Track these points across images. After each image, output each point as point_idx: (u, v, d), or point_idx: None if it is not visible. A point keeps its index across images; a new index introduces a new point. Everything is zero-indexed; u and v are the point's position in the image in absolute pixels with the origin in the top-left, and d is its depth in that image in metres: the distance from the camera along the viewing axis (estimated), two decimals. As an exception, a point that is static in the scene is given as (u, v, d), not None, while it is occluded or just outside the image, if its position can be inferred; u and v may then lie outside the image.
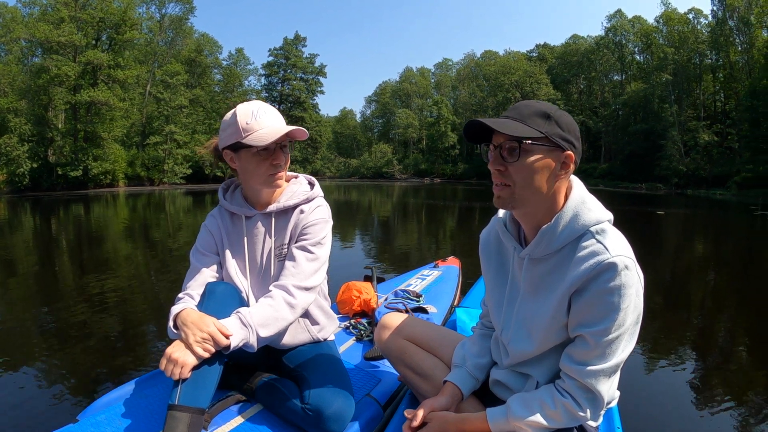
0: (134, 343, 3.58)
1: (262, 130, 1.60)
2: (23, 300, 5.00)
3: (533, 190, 1.21)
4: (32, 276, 6.22)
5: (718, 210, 18.79)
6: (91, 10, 33.70)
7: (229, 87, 52.69)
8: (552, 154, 1.19)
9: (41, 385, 2.80)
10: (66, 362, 3.18)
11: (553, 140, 1.18)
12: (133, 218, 15.06)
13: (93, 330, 3.84)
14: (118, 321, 4.11)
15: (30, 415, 2.45)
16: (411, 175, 62.76)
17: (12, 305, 4.80)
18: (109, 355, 3.31)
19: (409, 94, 71.94)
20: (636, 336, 1.21)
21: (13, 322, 4.19)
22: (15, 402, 2.59)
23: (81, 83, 32.54)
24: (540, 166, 1.19)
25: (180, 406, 1.37)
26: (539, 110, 1.20)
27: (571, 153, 1.20)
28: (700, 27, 42.29)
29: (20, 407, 2.53)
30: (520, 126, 1.17)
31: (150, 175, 38.56)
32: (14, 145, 30.25)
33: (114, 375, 2.94)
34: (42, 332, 3.87)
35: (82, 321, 4.09)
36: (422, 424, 1.36)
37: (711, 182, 35.09)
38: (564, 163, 1.20)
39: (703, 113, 41.24)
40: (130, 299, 4.84)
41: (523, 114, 1.20)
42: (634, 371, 3.05)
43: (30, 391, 2.72)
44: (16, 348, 3.46)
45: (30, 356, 3.25)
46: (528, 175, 1.19)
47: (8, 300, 5.01)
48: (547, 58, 63.36)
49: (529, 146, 1.18)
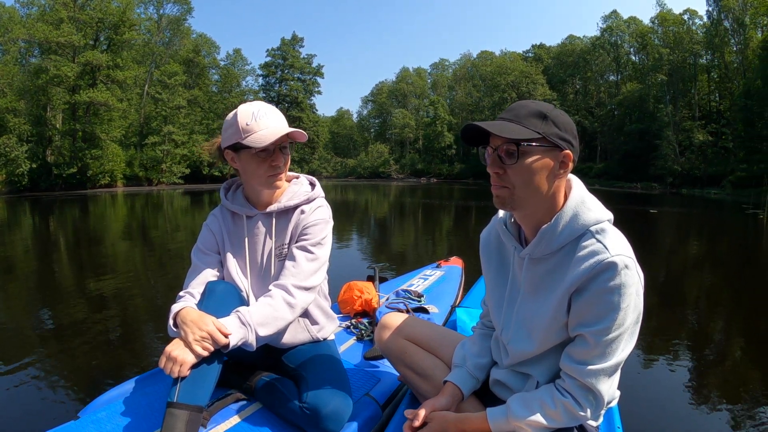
0: (134, 342, 3.61)
1: (261, 131, 1.61)
2: (24, 299, 5.04)
3: (532, 191, 1.21)
4: (32, 275, 6.25)
5: (710, 209, 19.00)
6: (90, 10, 33.65)
7: (227, 87, 52.70)
8: (550, 154, 1.19)
9: (43, 383, 2.81)
10: (67, 360, 3.19)
11: (550, 140, 1.18)
12: (132, 218, 15.22)
13: (93, 328, 3.86)
14: (118, 320, 4.14)
15: (31, 412, 2.47)
16: (408, 174, 62.65)
17: (13, 304, 4.85)
18: (110, 354, 3.32)
19: (405, 94, 71.67)
20: (636, 335, 1.21)
21: (15, 321, 4.23)
22: (16, 399, 2.62)
23: (80, 84, 32.49)
24: (538, 166, 1.19)
25: (178, 403, 1.38)
26: (536, 110, 1.20)
27: (569, 152, 1.20)
28: (695, 28, 42.45)
29: (22, 404, 2.55)
30: (516, 128, 1.18)
31: (148, 175, 38.49)
32: (13, 146, 30.20)
33: (115, 373, 2.95)
34: (43, 331, 3.91)
35: (82, 320, 4.11)
36: (423, 424, 1.36)
37: (706, 181, 35.19)
38: (563, 162, 1.20)
39: (698, 113, 41.35)
40: (131, 298, 4.87)
41: (520, 115, 1.20)
42: (634, 371, 3.06)
43: (31, 389, 2.74)
44: (18, 346, 3.46)
45: (31, 354, 3.26)
46: (527, 176, 1.19)
47: (9, 299, 5.05)
48: (543, 58, 63.23)
49: (526, 148, 1.18)
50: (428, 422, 1.36)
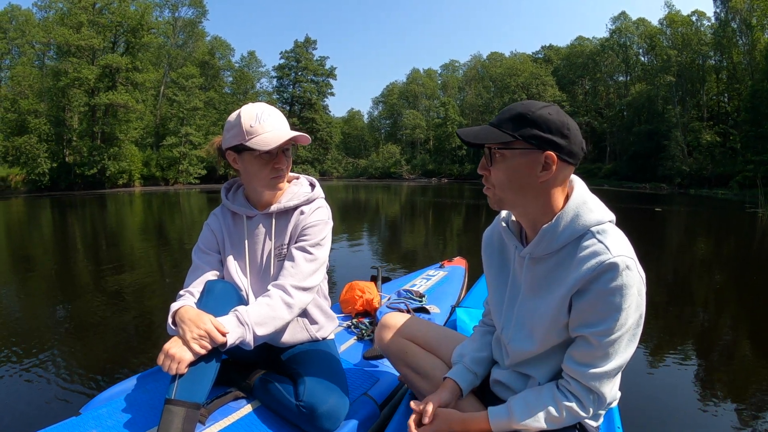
0: (139, 339, 3.63)
1: (265, 133, 1.62)
2: (37, 295, 5.13)
3: (513, 192, 1.22)
4: (47, 272, 6.38)
5: (713, 208, 19.22)
6: (110, 14, 34.51)
7: (242, 89, 53.41)
8: (528, 156, 1.18)
9: (45, 379, 2.83)
10: (70, 356, 3.22)
11: (528, 142, 1.17)
12: (149, 216, 15.57)
13: (100, 325, 3.90)
14: (126, 317, 4.16)
15: (33, 407, 2.49)
16: (419, 175, 62.68)
17: (26, 300, 4.95)
18: (113, 351, 3.35)
19: (416, 95, 71.78)
20: (638, 337, 1.20)
21: (24, 317, 4.30)
22: (19, 395, 2.64)
23: (99, 86, 33.34)
24: (516, 167, 1.19)
25: (176, 400, 1.40)
26: (515, 113, 1.19)
27: (551, 153, 1.17)
28: (703, 29, 42.23)
29: (24, 400, 2.57)
30: (493, 132, 1.19)
31: (165, 175, 39.18)
32: (34, 145, 31.35)
33: (117, 370, 2.97)
34: (50, 327, 3.95)
35: (90, 316, 4.17)
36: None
37: (714, 182, 34.84)
38: (546, 163, 1.18)
39: (706, 114, 41.10)
40: (141, 295, 4.91)
41: (501, 119, 1.21)
42: (634, 371, 3.02)
43: (34, 385, 2.75)
44: (23, 342, 3.48)
45: (35, 350, 3.29)
46: (504, 178, 1.21)
47: (23, 295, 5.15)
48: (552, 59, 63.09)
49: (502, 151, 1.19)
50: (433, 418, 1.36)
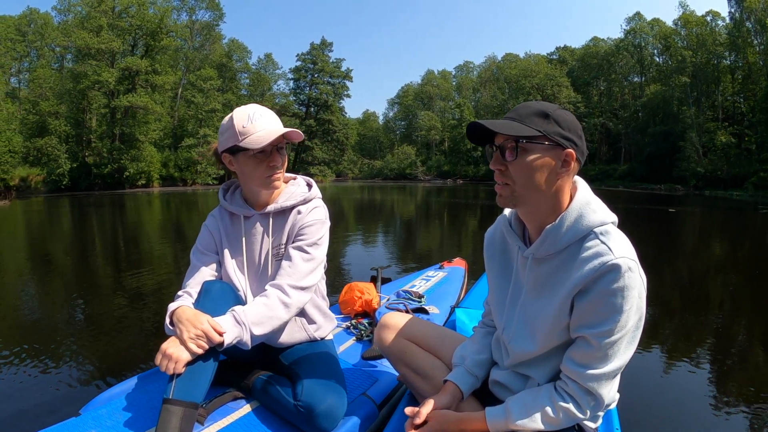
0: (141, 339, 3.62)
1: (258, 133, 1.63)
2: (42, 294, 5.15)
3: (533, 188, 1.21)
4: (58, 270, 6.40)
5: (726, 209, 19.22)
6: (129, 18, 35.14)
7: (259, 91, 53.99)
8: (551, 152, 1.19)
9: (45, 379, 2.83)
10: (71, 357, 3.21)
11: (552, 138, 1.18)
12: (168, 216, 15.89)
13: (105, 325, 3.91)
14: (132, 317, 4.15)
15: (33, 408, 2.48)
16: (434, 176, 62.81)
17: (28, 299, 4.95)
18: (114, 351, 3.34)
19: (431, 97, 71.95)
20: (637, 339, 1.21)
21: (26, 315, 4.32)
22: (19, 395, 2.63)
23: (119, 88, 33.98)
24: (539, 164, 1.19)
25: (174, 400, 1.40)
26: (538, 110, 1.20)
27: (572, 151, 1.19)
28: (717, 29, 41.83)
29: (24, 400, 2.56)
30: (518, 126, 1.19)
31: (183, 175, 39.57)
32: (55, 146, 32.08)
33: (117, 371, 2.96)
34: (55, 326, 3.95)
35: (97, 316, 4.19)
36: (423, 422, 1.36)
37: (729, 183, 34.69)
38: (565, 161, 1.20)
39: (722, 114, 40.76)
40: (150, 295, 4.89)
41: (522, 114, 1.21)
42: (633, 373, 2.90)
43: (34, 385, 2.75)
44: (25, 341, 3.48)
45: (36, 350, 3.29)
46: (527, 173, 1.19)
47: (27, 293, 5.18)
48: (567, 60, 62.95)
49: (527, 145, 1.18)
50: (428, 420, 1.36)
